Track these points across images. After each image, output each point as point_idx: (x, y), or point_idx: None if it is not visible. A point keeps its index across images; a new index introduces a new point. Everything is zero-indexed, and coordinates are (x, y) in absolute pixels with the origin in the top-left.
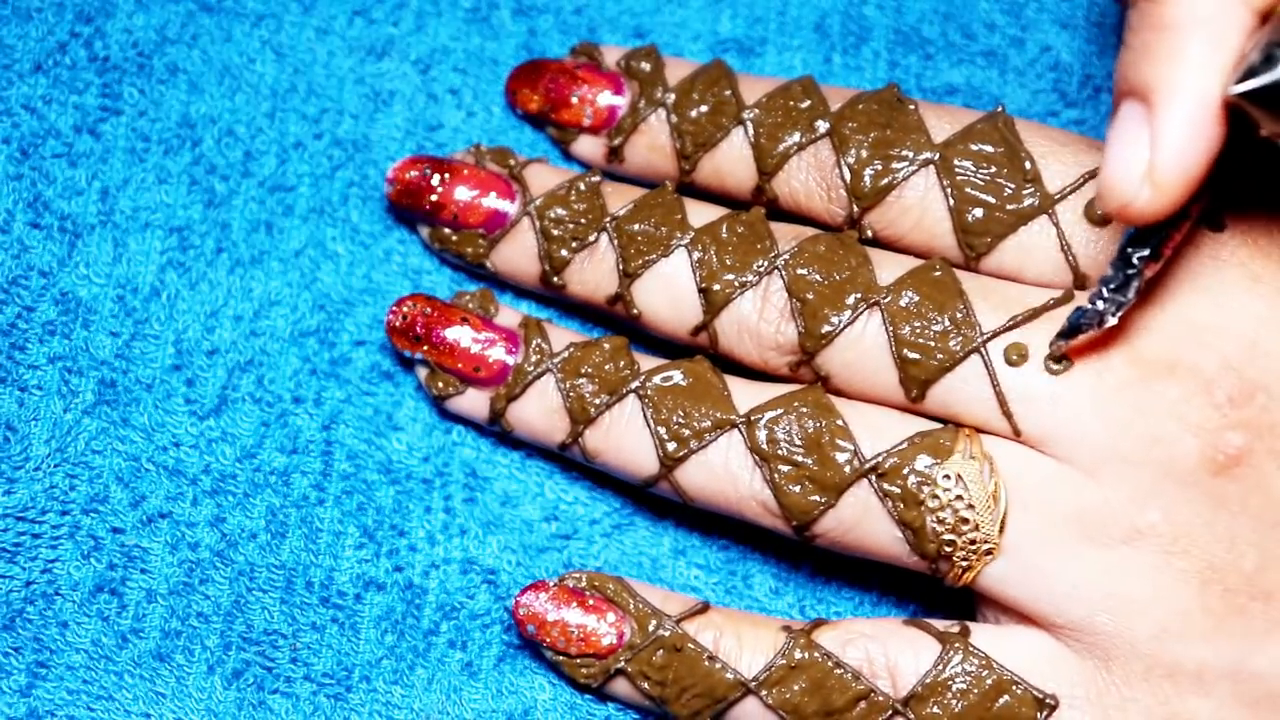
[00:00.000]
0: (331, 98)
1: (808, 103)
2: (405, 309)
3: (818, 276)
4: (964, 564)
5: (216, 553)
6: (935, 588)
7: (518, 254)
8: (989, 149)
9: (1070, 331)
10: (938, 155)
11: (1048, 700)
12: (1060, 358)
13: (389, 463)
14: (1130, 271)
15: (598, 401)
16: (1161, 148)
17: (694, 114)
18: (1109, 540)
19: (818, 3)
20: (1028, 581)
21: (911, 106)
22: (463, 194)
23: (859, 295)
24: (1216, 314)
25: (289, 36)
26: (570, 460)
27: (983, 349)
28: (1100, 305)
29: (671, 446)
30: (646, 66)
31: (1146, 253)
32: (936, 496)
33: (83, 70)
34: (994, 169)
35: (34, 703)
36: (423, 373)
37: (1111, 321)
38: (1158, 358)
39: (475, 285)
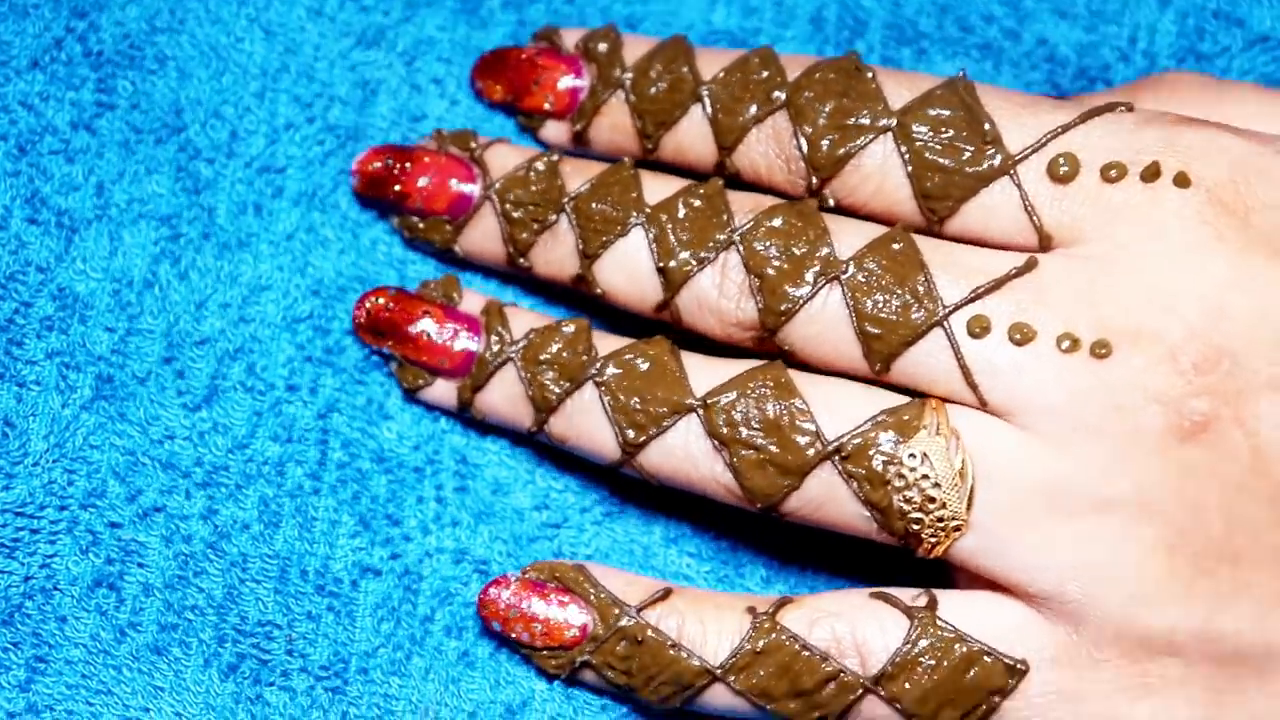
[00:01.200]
0: (324, 82)
1: (765, 73)
2: (368, 305)
3: (775, 251)
4: (933, 540)
5: (209, 545)
6: (926, 562)
7: (483, 238)
8: (947, 113)
9: None
10: (895, 122)
11: (1018, 666)
12: None
13: (381, 451)
14: None
15: (558, 389)
16: None
17: (652, 92)
18: (1077, 510)
19: None
20: (997, 554)
21: (870, 74)
22: (425, 181)
23: (818, 270)
24: (1180, 277)
25: (278, 15)
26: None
27: (945, 322)
28: None
29: (631, 434)
30: (604, 47)
31: None
32: (902, 476)
33: (78, 66)
34: (953, 132)
35: (33, 697)
36: (393, 366)
37: None
38: (1121, 326)
39: (453, 269)
